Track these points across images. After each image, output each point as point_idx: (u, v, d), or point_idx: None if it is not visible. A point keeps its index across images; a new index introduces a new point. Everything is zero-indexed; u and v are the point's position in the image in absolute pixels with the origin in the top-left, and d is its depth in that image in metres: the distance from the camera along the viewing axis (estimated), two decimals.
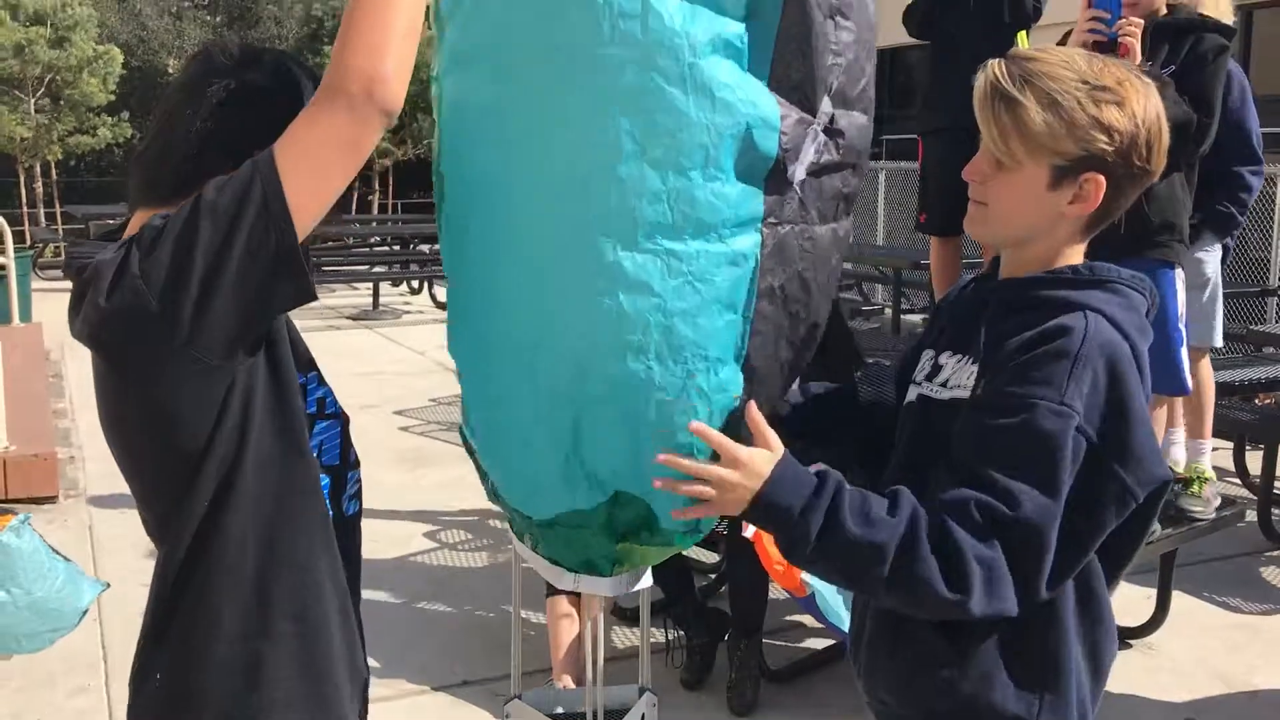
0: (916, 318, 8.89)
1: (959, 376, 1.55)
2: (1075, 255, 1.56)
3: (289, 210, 1.30)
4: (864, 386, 1.90)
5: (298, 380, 1.48)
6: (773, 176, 1.51)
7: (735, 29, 1.48)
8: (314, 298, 1.36)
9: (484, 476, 1.77)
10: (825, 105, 1.55)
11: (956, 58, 4.15)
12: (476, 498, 5.34)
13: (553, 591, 3.56)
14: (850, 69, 1.57)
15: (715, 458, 1.50)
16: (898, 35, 4.36)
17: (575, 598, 3.58)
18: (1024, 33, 4.19)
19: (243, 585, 1.42)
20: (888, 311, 8.99)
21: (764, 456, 1.48)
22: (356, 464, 1.61)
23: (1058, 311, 1.47)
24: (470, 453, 1.78)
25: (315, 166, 1.32)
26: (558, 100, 1.47)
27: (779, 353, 1.61)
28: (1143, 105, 1.48)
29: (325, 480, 1.52)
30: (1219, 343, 4.28)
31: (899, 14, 4.45)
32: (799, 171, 1.53)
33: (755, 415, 1.52)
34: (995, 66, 1.50)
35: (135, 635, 1.49)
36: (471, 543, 5.02)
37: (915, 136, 4.66)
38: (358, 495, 1.60)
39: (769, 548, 3.36)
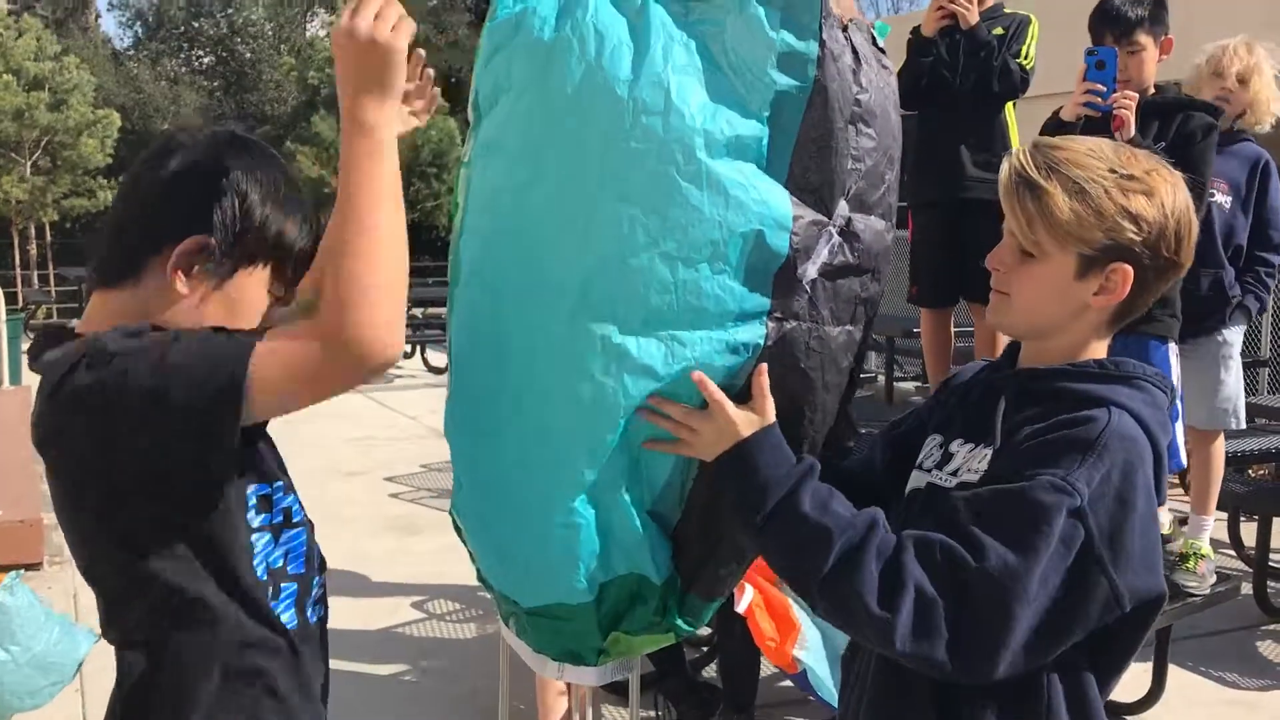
0: (910, 385, 8.89)
1: (970, 463, 1.52)
2: (1100, 349, 1.53)
3: (242, 400, 1.26)
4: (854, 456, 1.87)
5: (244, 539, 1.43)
6: (782, 273, 1.53)
7: (755, 130, 1.51)
8: (226, 473, 1.34)
9: (473, 557, 1.75)
10: (842, 208, 1.57)
11: (945, 128, 4.19)
12: (467, 567, 5.26)
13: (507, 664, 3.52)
14: (869, 175, 1.58)
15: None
16: None
17: None
18: (1011, 104, 4.25)
19: (202, 705, 1.38)
20: (881, 379, 8.99)
21: (752, 418, 1.52)
22: (322, 568, 1.57)
23: (1081, 406, 1.43)
24: (459, 532, 1.76)
25: (283, 395, 1.30)
26: (577, 188, 1.50)
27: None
28: (1172, 196, 1.46)
29: (292, 588, 1.48)
30: (1240, 425, 4.29)
31: None
32: (810, 270, 1.55)
33: (760, 379, 1.55)
34: (1020, 154, 1.49)
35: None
36: (461, 613, 4.95)
37: (903, 204, 4.69)
38: (323, 600, 1.56)
39: (761, 624, 3.33)
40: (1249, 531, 5.41)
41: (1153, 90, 3.55)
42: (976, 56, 4.05)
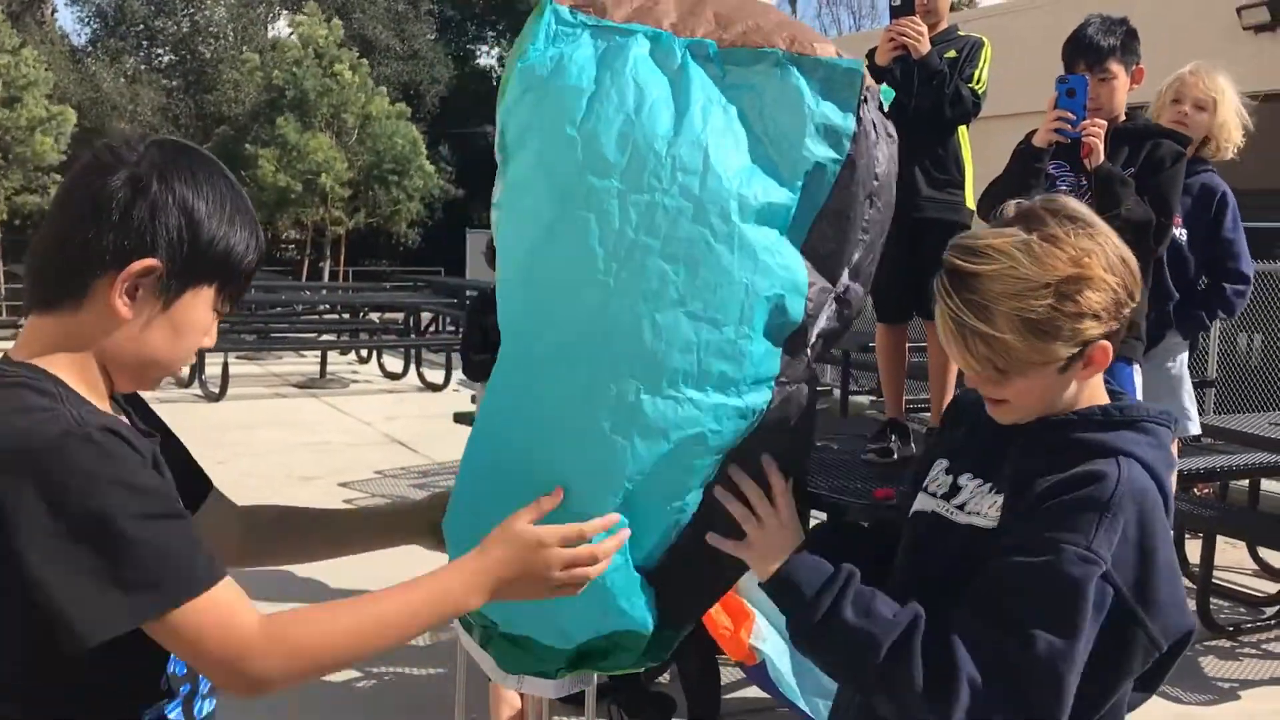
0: (864, 399, 8.96)
1: (980, 504, 1.53)
2: (1099, 392, 1.54)
3: (111, 637, 1.19)
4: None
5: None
6: (793, 339, 1.55)
7: (787, 199, 1.52)
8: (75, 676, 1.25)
9: None
10: (844, 277, 1.59)
11: (900, 150, 4.24)
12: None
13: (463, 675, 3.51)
14: (871, 246, 1.62)
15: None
16: None
17: None
18: (964, 127, 4.31)
19: None
20: (836, 393, 9.06)
21: (793, 536, 1.57)
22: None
23: (1090, 455, 1.45)
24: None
25: (178, 644, 1.24)
26: (609, 240, 1.49)
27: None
28: (1105, 259, 1.43)
29: (186, 688, 1.39)
30: (1195, 431, 4.38)
31: None
32: (813, 336, 1.58)
33: (779, 479, 1.58)
34: (943, 294, 1.45)
35: None
36: None
37: None
38: (213, 692, 1.45)
39: (715, 615, 3.32)
40: (1194, 549, 5.52)
41: (1123, 117, 3.62)
42: (929, 84, 4.11)
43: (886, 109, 1.64)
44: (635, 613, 1.57)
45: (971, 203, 4.25)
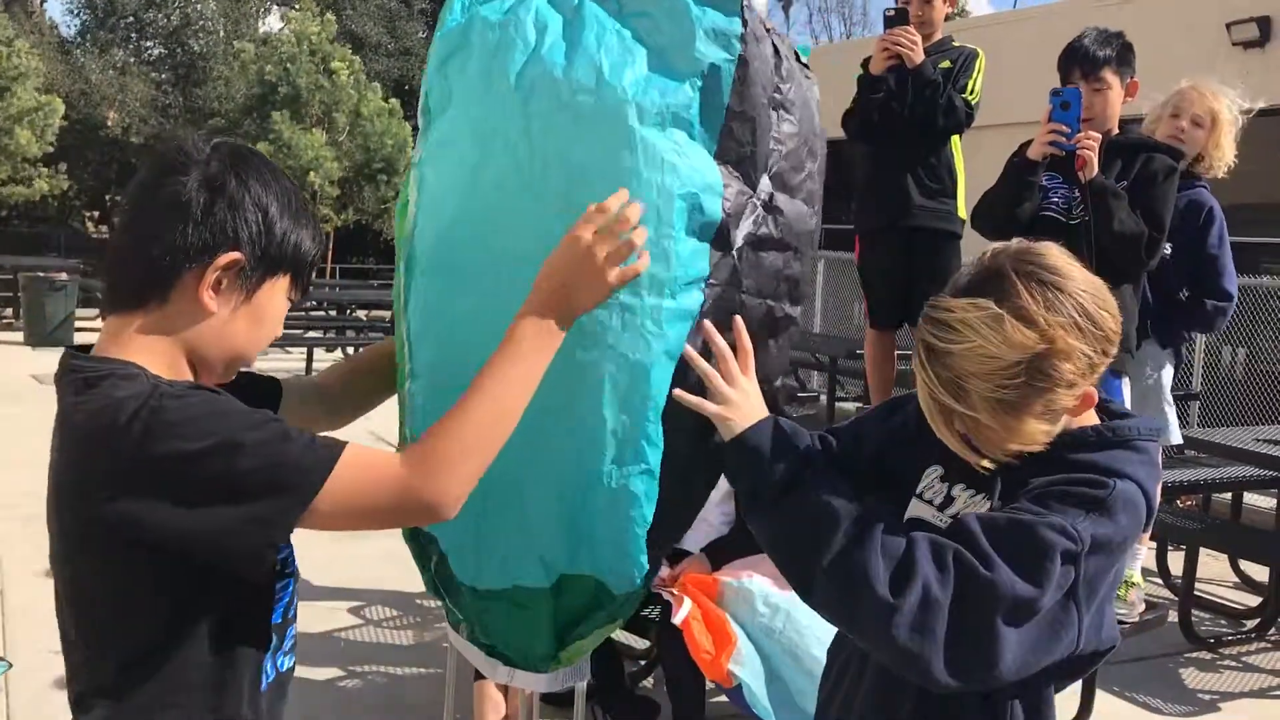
0: (851, 405, 8.99)
1: (972, 512, 1.53)
2: (1090, 414, 1.55)
3: (290, 528, 1.31)
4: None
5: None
6: (717, 239, 1.59)
7: (685, 98, 1.57)
8: (260, 578, 1.37)
9: (424, 563, 1.76)
10: (765, 184, 1.64)
11: (892, 161, 4.27)
12: (405, 573, 5.24)
13: (481, 675, 3.51)
14: (790, 158, 1.67)
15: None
16: (839, 129, 4.48)
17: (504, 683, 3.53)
18: (957, 136, 4.34)
19: None
20: (823, 399, 9.08)
21: (759, 408, 1.55)
22: (295, 618, 1.57)
23: (1086, 473, 1.46)
24: (412, 533, 1.76)
25: (355, 518, 1.34)
26: (526, 167, 1.58)
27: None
28: (1078, 327, 1.42)
29: (274, 640, 1.47)
30: (1176, 440, 4.41)
31: (835, 109, 4.60)
32: (738, 238, 1.62)
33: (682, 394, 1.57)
34: (919, 368, 1.46)
35: (43, 705, 1.43)
36: (398, 619, 4.93)
37: (849, 228, 4.78)
38: (293, 649, 1.56)
39: (698, 636, 3.35)
40: (1176, 560, 5.55)
41: (1116, 130, 3.64)
42: (923, 94, 4.14)
43: (805, 60, 1.72)
44: (602, 559, 1.62)
45: (963, 211, 4.28)
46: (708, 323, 1.57)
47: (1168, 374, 4.25)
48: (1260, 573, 5.77)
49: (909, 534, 1.40)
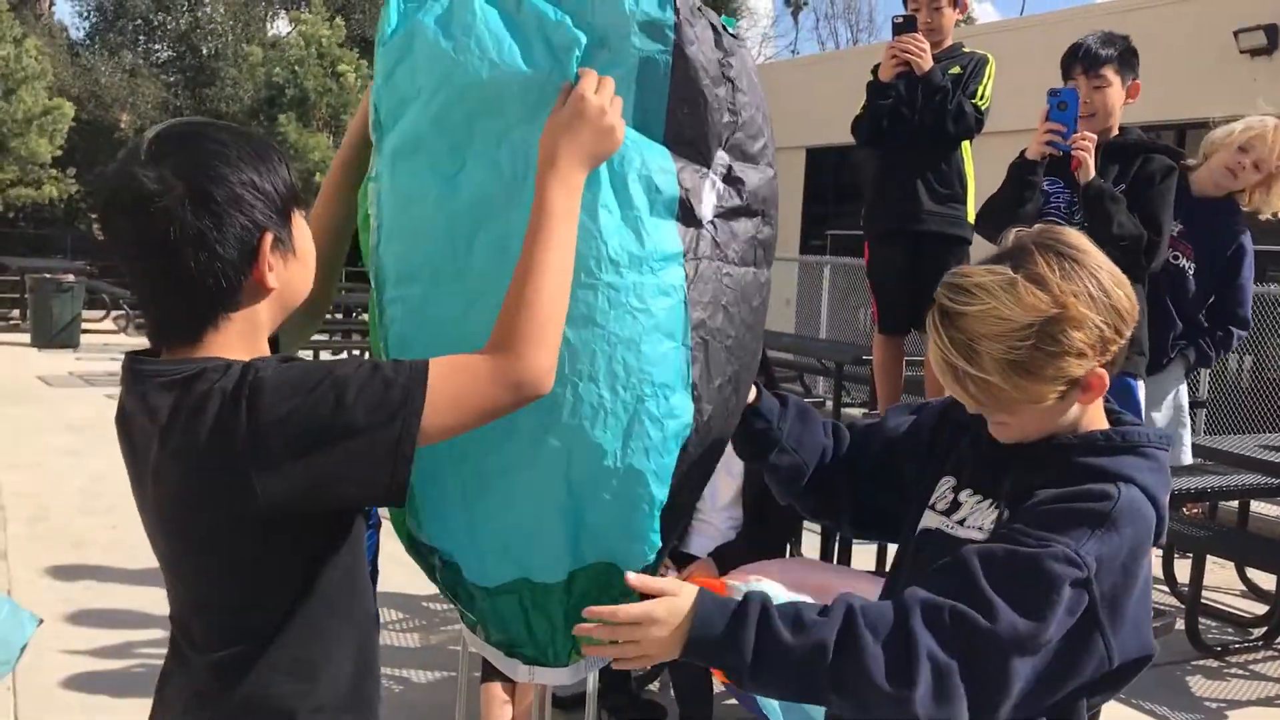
0: (857, 411, 8.99)
1: (978, 518, 1.55)
2: (1099, 416, 1.56)
3: (414, 450, 1.35)
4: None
5: None
6: (682, 214, 1.61)
7: (625, 92, 1.58)
8: (402, 505, 1.42)
9: (430, 571, 1.76)
10: (721, 157, 1.66)
11: (902, 166, 4.27)
12: (409, 576, 5.23)
13: (487, 677, 3.51)
14: (747, 127, 1.69)
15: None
16: (845, 135, 4.49)
17: (510, 685, 3.53)
18: (967, 142, 4.34)
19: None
20: (829, 404, 9.07)
21: (685, 593, 1.44)
22: (378, 568, 1.63)
23: (1092, 479, 1.46)
24: (411, 543, 1.76)
25: (457, 420, 1.39)
26: (506, 167, 1.59)
27: (715, 379, 1.65)
28: (1090, 298, 1.45)
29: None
30: (1187, 461, 4.41)
31: (842, 115, 4.61)
32: (706, 212, 1.63)
33: (640, 578, 1.49)
34: (933, 330, 1.49)
35: (51, 705, 1.46)
36: (405, 623, 4.93)
37: (858, 233, 4.79)
38: (374, 595, 1.64)
39: None
40: (1183, 568, 5.54)
41: (1116, 131, 3.64)
42: (932, 100, 4.14)
43: (733, 32, 1.74)
44: (612, 541, 1.62)
45: (974, 217, 4.28)
46: (630, 576, 1.52)
47: (1184, 393, 4.26)
48: (1267, 580, 5.76)
49: (896, 603, 1.39)
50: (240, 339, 1.42)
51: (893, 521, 1.76)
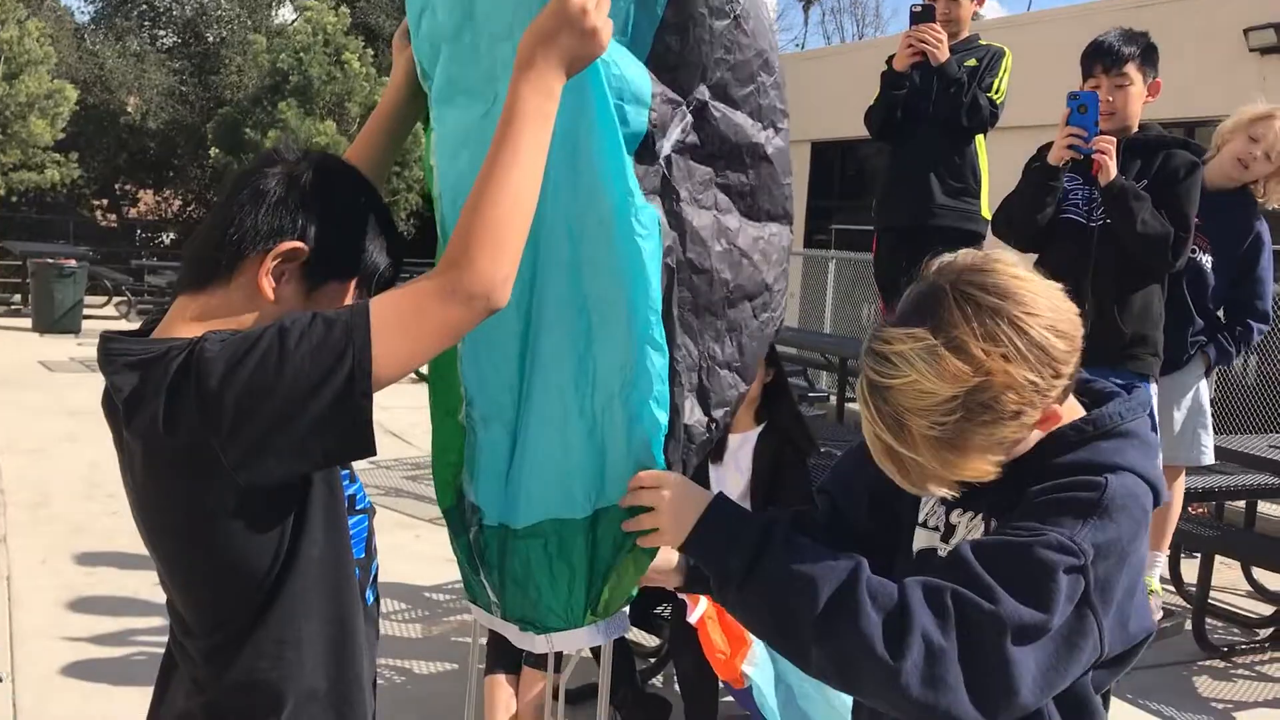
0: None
1: (973, 535, 1.50)
2: (1071, 410, 1.46)
3: (372, 385, 1.30)
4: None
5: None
6: (642, 149, 1.56)
7: (618, 8, 1.53)
8: (373, 453, 1.35)
9: (463, 534, 1.73)
10: (701, 91, 1.61)
11: (916, 156, 4.23)
12: (414, 565, 5.23)
13: (491, 670, 3.49)
14: (738, 69, 1.63)
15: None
16: (850, 129, 4.45)
17: (514, 678, 3.50)
18: (981, 136, 4.31)
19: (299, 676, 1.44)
20: (832, 399, 9.04)
21: (697, 490, 1.49)
22: (375, 553, 1.63)
23: (1075, 474, 1.40)
24: (454, 507, 1.74)
25: (412, 348, 1.33)
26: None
27: (685, 317, 1.63)
28: (1016, 352, 1.33)
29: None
30: (1208, 462, 4.37)
31: (848, 109, 4.57)
32: (665, 147, 1.59)
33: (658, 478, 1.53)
34: (862, 403, 1.40)
35: (51, 692, 1.46)
36: (406, 613, 4.90)
37: (863, 228, 4.76)
38: (375, 581, 1.62)
39: (713, 636, 3.33)
40: (1189, 568, 5.51)
41: (1135, 128, 3.61)
42: (947, 92, 4.10)
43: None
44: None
45: (987, 212, 4.24)
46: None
47: (1204, 391, 4.23)
48: (1274, 581, 5.73)
49: (900, 581, 1.34)
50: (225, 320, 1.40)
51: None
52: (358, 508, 1.56)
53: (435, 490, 1.78)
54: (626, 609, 1.72)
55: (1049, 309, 1.38)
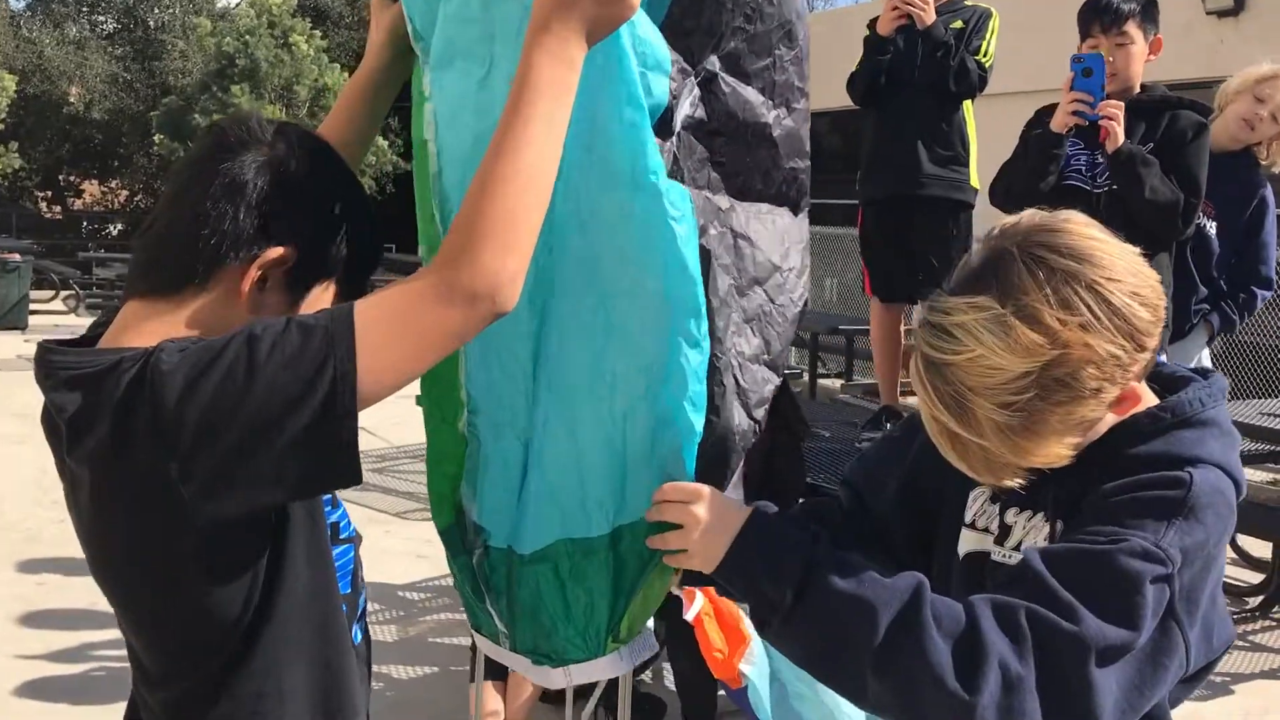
0: (834, 383, 8.87)
1: (1033, 536, 1.35)
2: (1146, 395, 1.33)
3: (357, 401, 1.10)
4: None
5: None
6: (660, 123, 1.42)
7: None
8: (359, 481, 1.16)
9: (465, 559, 1.56)
10: (711, 62, 1.48)
11: (902, 124, 4.09)
12: (384, 563, 5.07)
13: (488, 675, 3.34)
14: (755, 40, 1.51)
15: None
16: (817, 100, 4.29)
17: (502, 684, 3.37)
18: (969, 102, 4.16)
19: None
20: (805, 376, 8.93)
21: (733, 503, 1.33)
22: (363, 586, 1.48)
23: (1153, 468, 1.26)
24: (453, 526, 1.57)
25: (405, 358, 1.14)
26: (509, 48, 1.36)
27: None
28: (1101, 320, 1.20)
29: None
30: None
31: (816, 80, 4.40)
32: (678, 121, 1.46)
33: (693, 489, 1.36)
34: (918, 384, 1.26)
35: (4, 715, 1.28)
36: (380, 614, 4.74)
37: (835, 202, 4.61)
38: (363, 616, 1.47)
39: (710, 633, 3.19)
40: None
41: (1139, 90, 3.47)
42: (933, 57, 3.96)
43: None
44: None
45: (976, 180, 4.10)
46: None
47: (1207, 360, 4.14)
48: (1261, 548, 5.68)
49: (966, 601, 1.19)
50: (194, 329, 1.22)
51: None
52: (342, 536, 1.40)
53: (430, 506, 1.61)
54: (651, 625, 1.56)
55: (1130, 273, 1.24)
